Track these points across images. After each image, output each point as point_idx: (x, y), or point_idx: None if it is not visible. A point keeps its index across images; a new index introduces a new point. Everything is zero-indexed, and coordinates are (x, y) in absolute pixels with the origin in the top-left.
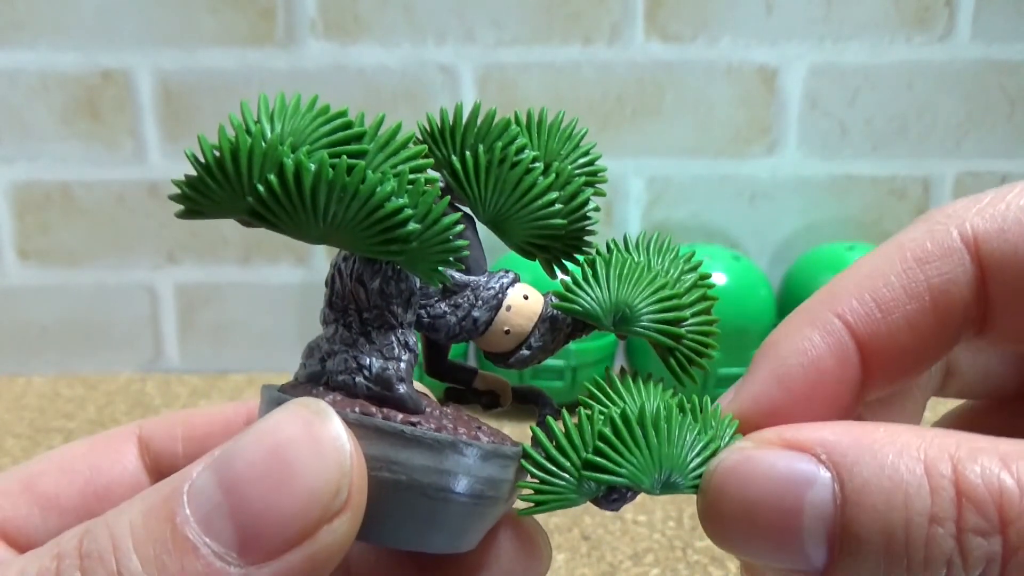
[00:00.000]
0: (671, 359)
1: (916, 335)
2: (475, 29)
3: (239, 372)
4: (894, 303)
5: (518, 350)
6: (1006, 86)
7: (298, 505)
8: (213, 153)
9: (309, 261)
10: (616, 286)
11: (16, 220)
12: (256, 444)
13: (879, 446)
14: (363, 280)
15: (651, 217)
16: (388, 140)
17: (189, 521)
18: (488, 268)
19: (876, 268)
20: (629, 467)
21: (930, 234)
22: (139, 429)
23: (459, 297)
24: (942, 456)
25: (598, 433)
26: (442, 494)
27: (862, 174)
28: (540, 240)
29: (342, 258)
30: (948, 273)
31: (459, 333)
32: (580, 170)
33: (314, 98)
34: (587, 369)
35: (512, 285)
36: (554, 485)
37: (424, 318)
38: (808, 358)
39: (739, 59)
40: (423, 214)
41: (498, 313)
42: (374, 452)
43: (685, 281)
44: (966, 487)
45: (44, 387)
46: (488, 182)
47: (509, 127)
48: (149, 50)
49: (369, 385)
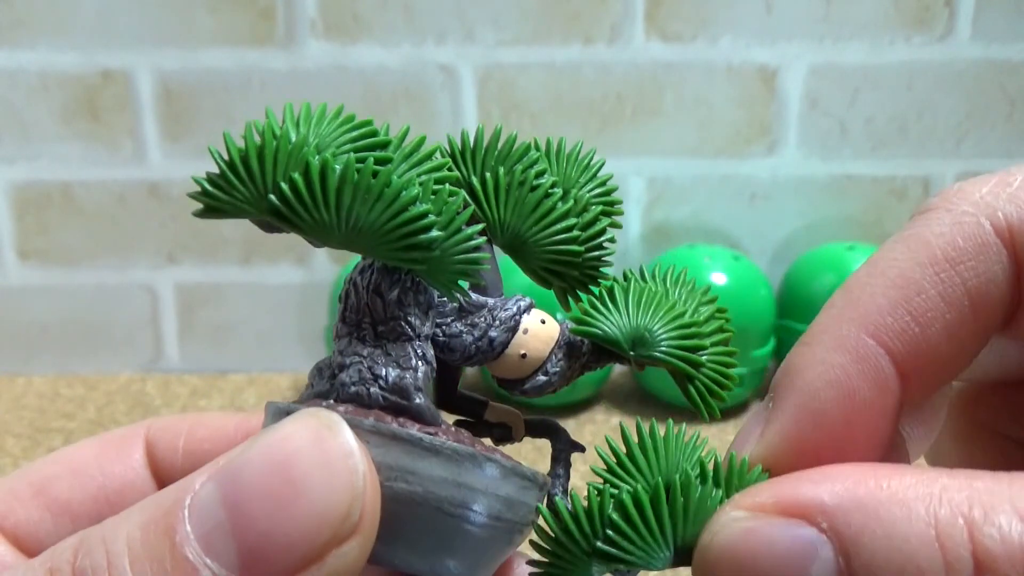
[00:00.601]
0: (691, 388)
1: (956, 343)
2: (475, 29)
3: (239, 372)
4: (933, 314)
5: (534, 376)
6: (1006, 86)
7: (305, 527)
8: (238, 150)
9: (309, 261)
10: (635, 312)
11: (16, 220)
12: (263, 457)
13: (884, 510)
14: (381, 291)
15: (651, 217)
16: (413, 150)
17: (189, 539)
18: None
19: (905, 273)
20: (640, 554)
21: (960, 228)
22: (147, 431)
23: (475, 317)
24: (955, 520)
25: (607, 519)
26: (459, 511)
27: (862, 174)
28: (556, 267)
29: (358, 272)
30: (986, 273)
31: (475, 354)
32: (597, 199)
33: (340, 107)
34: (585, 379)
35: (528, 310)
36: (564, 568)
37: (440, 337)
38: (842, 391)
39: (739, 59)
40: (446, 222)
41: (515, 336)
42: (389, 461)
43: (702, 312)
44: (985, 557)
45: (44, 387)
46: (507, 204)
47: (529, 151)
48: (149, 50)
49: (385, 395)
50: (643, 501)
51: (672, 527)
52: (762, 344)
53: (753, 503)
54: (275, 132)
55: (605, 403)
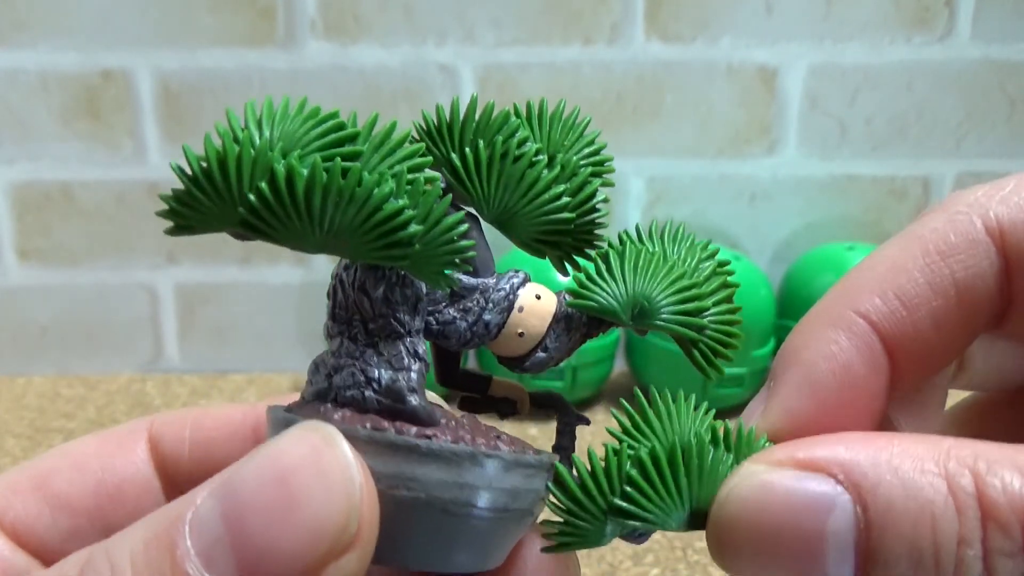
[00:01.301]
0: (695, 352)
1: (941, 332)
2: (475, 29)
3: (239, 372)
4: (919, 300)
5: (534, 352)
6: (1006, 86)
7: (303, 541)
8: (200, 164)
9: (309, 261)
10: (632, 279)
11: (16, 220)
12: (260, 472)
13: (898, 461)
14: (366, 289)
15: (651, 217)
16: (383, 140)
17: (190, 554)
18: (496, 269)
19: (896, 263)
20: (657, 511)
21: (952, 224)
22: (150, 426)
23: (468, 301)
24: (962, 471)
25: (626, 476)
26: (464, 510)
27: (862, 174)
28: (549, 236)
29: (343, 267)
30: (974, 267)
31: (471, 339)
32: (586, 161)
33: (303, 100)
34: (587, 369)
35: (523, 285)
36: (579, 528)
37: (433, 325)
38: (838, 363)
39: (739, 59)
40: (424, 215)
41: (510, 315)
42: (389, 470)
43: (703, 270)
44: (989, 505)
45: (44, 387)
46: (491, 178)
47: (509, 120)
48: (149, 50)
49: (379, 399)
50: (661, 459)
51: (688, 487)
52: (762, 344)
53: (771, 459)
54: (237, 137)
55: (605, 403)
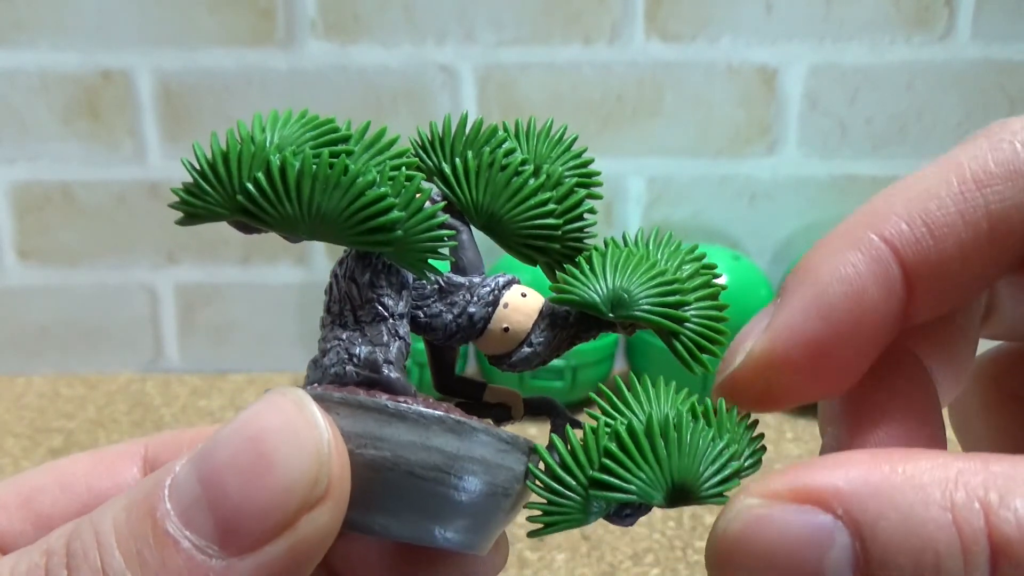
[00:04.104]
0: (677, 344)
1: (968, 264)
2: (475, 29)
3: (239, 372)
4: (948, 229)
5: (519, 348)
6: (1006, 86)
7: (276, 496)
8: (206, 158)
9: (309, 261)
10: (613, 275)
11: (16, 220)
12: (234, 436)
13: (901, 494)
14: (355, 277)
15: (651, 217)
16: (373, 142)
17: (170, 515)
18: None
19: (929, 187)
20: (638, 483)
21: (993, 152)
22: (144, 448)
23: (455, 296)
24: (971, 503)
25: (603, 449)
26: (433, 474)
27: (862, 174)
28: (537, 242)
29: (337, 263)
30: (1011, 199)
31: (456, 332)
32: (571, 172)
33: (304, 110)
34: (587, 369)
35: (509, 286)
36: (561, 505)
37: (421, 318)
38: (851, 286)
39: (739, 59)
40: (406, 202)
41: (496, 310)
42: (358, 429)
43: (686, 270)
44: (1000, 540)
45: (44, 387)
46: (479, 186)
47: (496, 133)
48: (149, 50)
49: (358, 371)
50: (638, 431)
51: (668, 458)
52: None
53: (766, 490)
54: (240, 138)
55: None
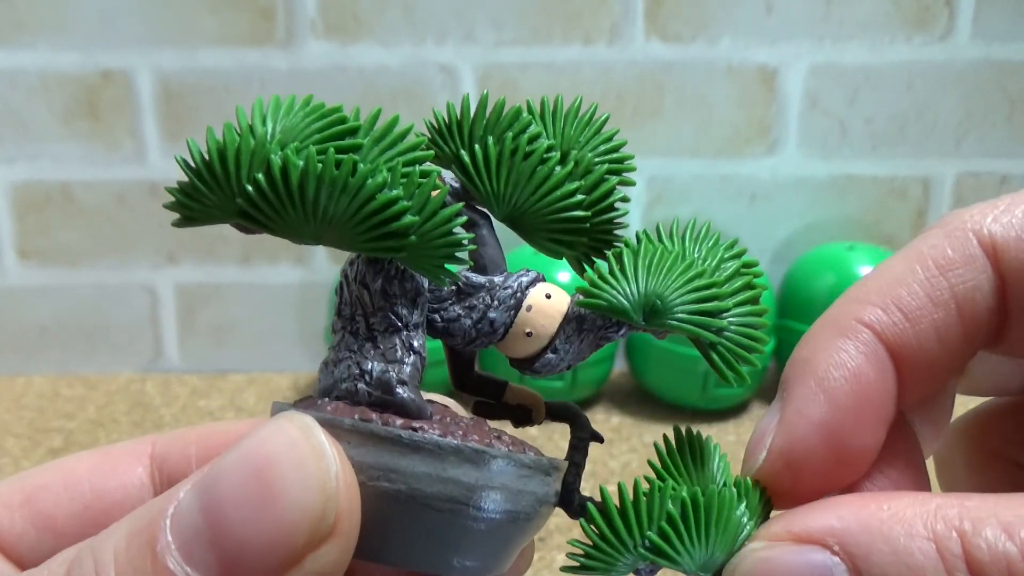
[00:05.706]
0: (714, 355)
1: (944, 343)
2: (475, 29)
3: (239, 372)
4: (921, 312)
5: (543, 354)
6: (1006, 86)
7: (280, 531)
8: (202, 156)
9: (309, 261)
10: (646, 277)
11: (16, 220)
12: (238, 464)
13: (888, 528)
14: (366, 282)
15: (651, 217)
16: (384, 133)
17: (170, 548)
18: (507, 268)
19: (898, 276)
20: (685, 553)
21: (949, 240)
22: (152, 447)
23: (474, 299)
24: (949, 533)
25: (667, 514)
26: (449, 506)
27: (862, 174)
28: (563, 236)
29: (348, 263)
30: (972, 280)
31: (476, 337)
32: (602, 158)
33: (308, 97)
34: (587, 369)
35: (533, 284)
36: (608, 555)
37: (438, 323)
38: (849, 370)
39: (739, 59)
40: (420, 205)
41: (518, 314)
42: (371, 460)
43: (726, 269)
44: (976, 566)
45: (44, 387)
46: (501, 175)
47: (520, 116)
48: (149, 50)
49: (370, 391)
50: (700, 503)
51: (714, 535)
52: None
53: (769, 534)
54: (238, 131)
55: (605, 403)
